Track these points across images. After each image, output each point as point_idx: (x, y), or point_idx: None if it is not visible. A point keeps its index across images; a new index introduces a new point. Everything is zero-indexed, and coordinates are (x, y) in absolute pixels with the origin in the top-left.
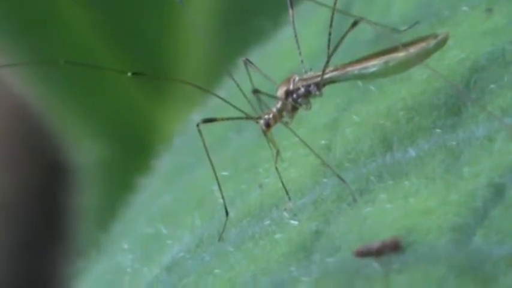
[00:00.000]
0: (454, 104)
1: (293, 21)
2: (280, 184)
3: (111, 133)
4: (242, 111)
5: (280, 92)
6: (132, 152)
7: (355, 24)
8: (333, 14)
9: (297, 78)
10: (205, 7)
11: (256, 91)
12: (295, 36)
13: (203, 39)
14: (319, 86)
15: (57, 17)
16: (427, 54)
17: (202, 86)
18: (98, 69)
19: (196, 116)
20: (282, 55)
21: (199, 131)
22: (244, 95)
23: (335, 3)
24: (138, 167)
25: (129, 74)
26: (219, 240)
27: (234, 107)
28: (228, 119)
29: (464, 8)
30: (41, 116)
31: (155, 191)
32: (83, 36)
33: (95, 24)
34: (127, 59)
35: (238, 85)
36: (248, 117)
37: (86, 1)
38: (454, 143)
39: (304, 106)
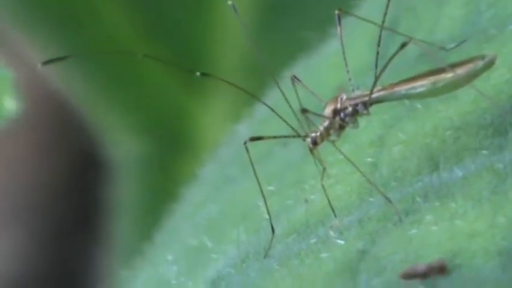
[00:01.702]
0: (501, 125)
1: (341, 37)
2: (326, 201)
3: (150, 130)
4: (291, 126)
5: (328, 111)
6: (171, 149)
7: (404, 45)
8: (381, 31)
9: (344, 97)
10: (248, 13)
11: (304, 110)
12: (343, 52)
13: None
14: (367, 105)
15: (92, 11)
16: (474, 75)
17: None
18: (168, 64)
19: (242, 127)
20: (328, 70)
21: (247, 148)
22: (294, 112)
23: (383, 22)
24: (176, 165)
25: (198, 73)
26: (264, 257)
27: (284, 121)
28: (275, 137)
29: (511, 27)
30: (79, 109)
31: (200, 202)
32: (119, 30)
33: (132, 20)
34: (163, 54)
35: (287, 99)
36: (295, 135)
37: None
38: (500, 165)
39: (351, 125)
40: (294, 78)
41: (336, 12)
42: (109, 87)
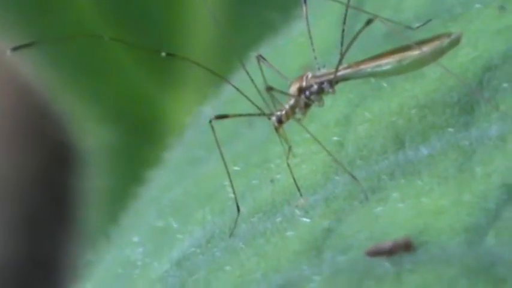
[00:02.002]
0: (467, 103)
1: (306, 17)
2: (292, 180)
3: (118, 117)
4: (256, 106)
5: (293, 89)
6: (139, 135)
7: (369, 22)
8: (346, 10)
9: (310, 75)
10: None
11: (269, 88)
12: (309, 32)
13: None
14: (332, 83)
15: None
16: (440, 53)
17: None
18: (134, 47)
19: (208, 109)
20: (294, 50)
21: (212, 127)
22: (259, 91)
23: (349, 0)
24: (144, 151)
25: (163, 54)
26: (230, 236)
27: (250, 100)
28: (240, 115)
29: (477, 6)
30: (48, 97)
31: (166, 184)
32: (86, 14)
33: (99, 3)
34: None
35: (252, 80)
36: (260, 114)
37: None
38: (466, 142)
39: (317, 103)
40: (260, 58)
41: None
42: (76, 75)
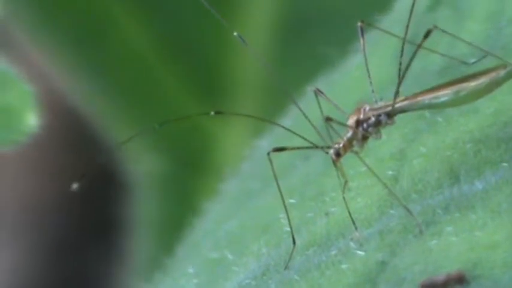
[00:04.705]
0: None
1: (364, 50)
2: (346, 214)
3: (170, 147)
4: (309, 141)
5: (351, 121)
6: (192, 167)
7: (427, 34)
8: (403, 44)
9: (367, 108)
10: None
11: (328, 119)
12: (366, 65)
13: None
14: (390, 115)
15: (112, 26)
16: (497, 84)
17: (266, 111)
18: (185, 118)
19: (264, 142)
20: (350, 84)
21: (270, 160)
22: (313, 125)
23: (406, 34)
24: (197, 183)
25: (212, 113)
26: (285, 268)
27: (302, 137)
28: (298, 148)
29: None
30: (98, 125)
31: (221, 216)
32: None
33: (152, 37)
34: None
35: (305, 115)
36: (319, 147)
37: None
38: None
39: (374, 135)
40: (318, 91)
41: (359, 24)
42: (129, 105)
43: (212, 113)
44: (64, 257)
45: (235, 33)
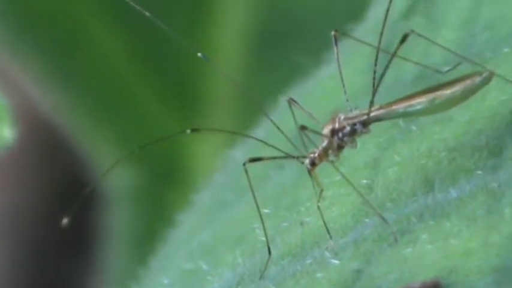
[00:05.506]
0: (496, 146)
1: (337, 58)
2: (321, 223)
3: (142, 158)
4: (283, 152)
5: (326, 131)
6: (165, 177)
7: (404, 39)
8: (377, 53)
9: (342, 117)
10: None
11: (303, 127)
12: (340, 74)
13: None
14: (365, 124)
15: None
16: (472, 91)
17: (240, 121)
18: (165, 138)
19: (237, 153)
20: (324, 94)
21: (246, 170)
22: (286, 136)
23: (379, 43)
24: (170, 193)
25: (188, 131)
26: (260, 278)
27: (276, 148)
28: (274, 158)
29: (506, 50)
30: (71, 137)
31: (195, 227)
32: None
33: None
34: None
35: (277, 126)
36: (294, 156)
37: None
38: (495, 184)
39: (350, 145)
40: (291, 101)
41: (332, 33)
42: (101, 116)
43: (188, 131)
44: (40, 266)
45: (199, 54)
